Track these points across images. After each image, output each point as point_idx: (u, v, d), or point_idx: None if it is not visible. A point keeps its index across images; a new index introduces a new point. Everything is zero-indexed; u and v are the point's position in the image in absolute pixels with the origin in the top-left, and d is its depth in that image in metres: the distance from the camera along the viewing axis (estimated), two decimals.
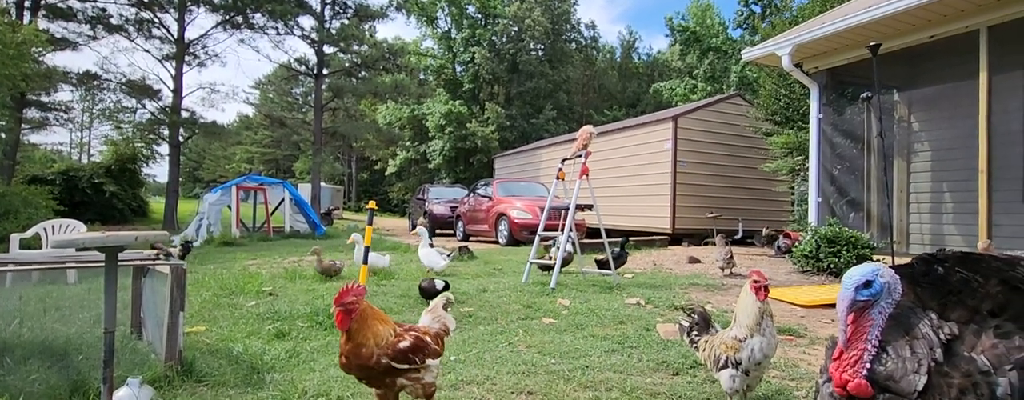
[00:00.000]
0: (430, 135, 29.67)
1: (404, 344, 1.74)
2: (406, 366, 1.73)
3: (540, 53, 31.79)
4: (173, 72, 18.47)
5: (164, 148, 20.25)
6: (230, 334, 3.11)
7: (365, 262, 3.81)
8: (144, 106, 19.10)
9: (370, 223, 3.95)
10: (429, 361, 1.82)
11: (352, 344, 1.68)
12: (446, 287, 3.97)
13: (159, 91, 18.62)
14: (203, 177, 50.23)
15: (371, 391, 2.26)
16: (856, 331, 1.05)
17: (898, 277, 1.06)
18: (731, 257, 5.64)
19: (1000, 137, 4.93)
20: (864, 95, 5.63)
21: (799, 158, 8.24)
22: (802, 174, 8.27)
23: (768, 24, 12.99)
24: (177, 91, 18.36)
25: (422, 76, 34.31)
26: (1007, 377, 0.91)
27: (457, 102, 29.26)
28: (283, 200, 12.37)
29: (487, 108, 28.99)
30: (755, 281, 1.91)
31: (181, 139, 19.27)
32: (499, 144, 27.27)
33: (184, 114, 18.66)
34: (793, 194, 9.32)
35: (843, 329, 1.06)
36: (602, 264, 5.52)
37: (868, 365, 1.03)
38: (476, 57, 29.55)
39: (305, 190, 21.08)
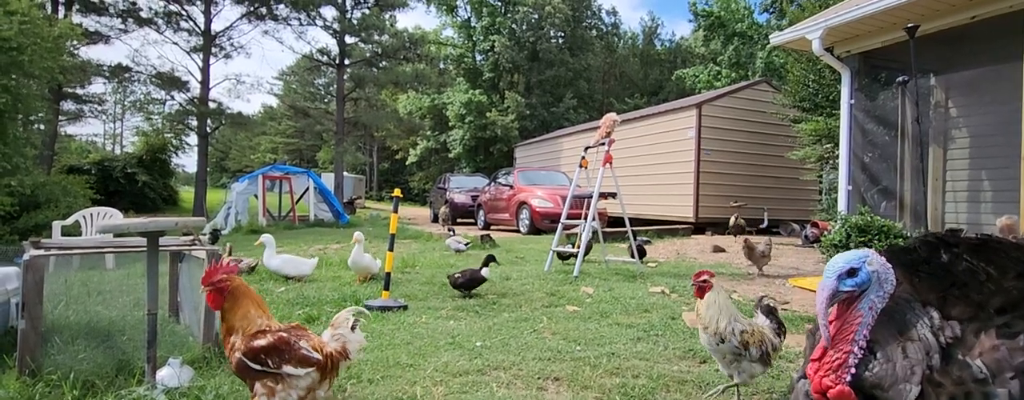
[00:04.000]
0: (450, 124, 29.73)
1: (260, 342, 1.51)
2: (258, 367, 1.49)
3: (560, 41, 31.44)
4: (200, 64, 18.86)
5: (192, 138, 20.80)
6: None
7: (391, 249, 3.87)
8: (173, 97, 19.57)
9: (395, 211, 4.00)
10: (289, 369, 1.51)
11: (225, 326, 1.56)
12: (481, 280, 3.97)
13: (187, 82, 19.06)
14: (230, 167, 51.34)
15: (400, 375, 2.32)
16: (841, 329, 0.91)
17: (890, 266, 0.92)
18: (759, 252, 5.22)
19: None
20: (900, 79, 5.44)
21: (828, 145, 8.03)
22: (831, 162, 8.06)
23: (797, 7, 12.60)
24: (204, 82, 18.75)
25: (442, 65, 34.31)
26: (1007, 387, 0.78)
27: (477, 91, 29.21)
28: (307, 189, 12.59)
29: (507, 97, 28.88)
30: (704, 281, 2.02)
31: (209, 130, 19.71)
32: (519, 133, 27.19)
33: (211, 105, 19.07)
34: (821, 183, 9.10)
35: (824, 324, 0.91)
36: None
37: (853, 370, 0.89)
38: (496, 45, 29.39)
39: (328, 179, 21.41)
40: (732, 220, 8.16)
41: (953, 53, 5.73)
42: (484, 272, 3.93)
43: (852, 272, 0.90)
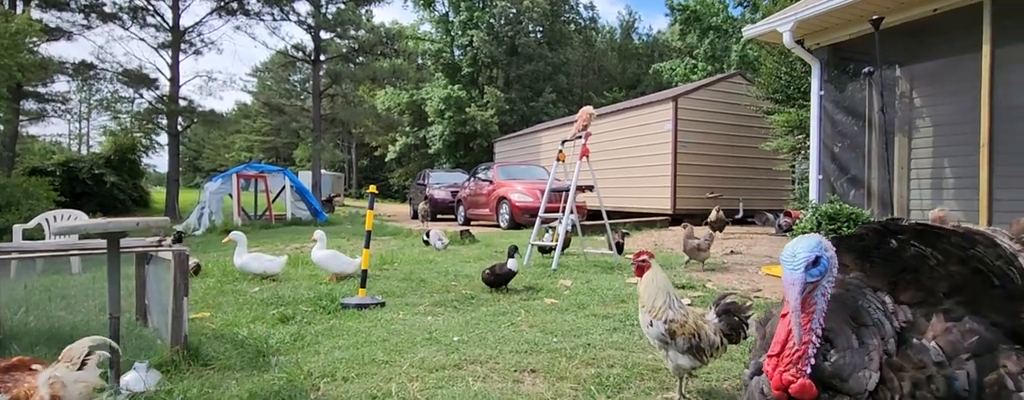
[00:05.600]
0: (429, 120, 29.51)
1: None
2: None
3: (539, 35, 31.40)
4: (169, 60, 18.33)
5: (163, 138, 20.27)
6: (235, 319, 3.15)
7: (367, 246, 3.83)
8: (141, 95, 19.01)
9: (371, 207, 3.96)
10: None
11: None
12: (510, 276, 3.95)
13: (156, 80, 18.52)
14: (203, 166, 50.18)
15: (376, 372, 2.30)
16: (801, 320, 0.88)
17: (837, 250, 0.91)
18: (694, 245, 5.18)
19: (1002, 111, 4.89)
20: (866, 70, 5.57)
21: (800, 136, 8.20)
22: (803, 152, 8.23)
23: (770, 1, 12.80)
24: (174, 80, 18.24)
25: (420, 61, 34.00)
26: (965, 369, 0.80)
27: (456, 86, 29.03)
28: (284, 188, 12.37)
29: (486, 92, 28.77)
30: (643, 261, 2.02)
31: (180, 128, 19.20)
32: (499, 128, 27.13)
33: (182, 103, 18.57)
34: (794, 172, 9.30)
35: (797, 322, 0.87)
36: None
37: (812, 361, 0.86)
38: (474, 40, 29.22)
39: (305, 177, 21.08)
40: (712, 215, 8.23)
41: (917, 45, 5.89)
42: (511, 264, 3.91)
43: (816, 261, 0.87)
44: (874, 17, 4.83)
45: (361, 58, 23.06)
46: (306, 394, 2.01)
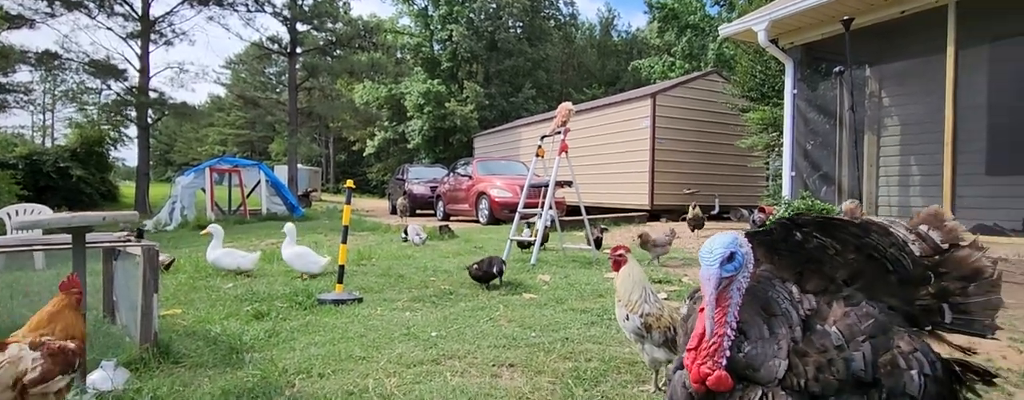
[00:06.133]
0: (408, 115, 29.24)
1: None
2: None
3: (519, 31, 31.34)
4: (139, 51, 17.75)
5: (132, 130, 19.66)
6: (207, 316, 3.08)
7: (344, 242, 3.78)
8: (109, 87, 18.36)
9: (348, 202, 3.91)
10: None
11: None
12: (500, 272, 3.84)
13: (124, 71, 17.91)
14: (175, 160, 48.89)
15: (353, 368, 2.29)
16: (714, 313, 0.91)
17: (751, 245, 0.95)
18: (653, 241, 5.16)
19: (965, 110, 5.08)
20: (837, 69, 5.72)
21: (774, 134, 8.37)
22: (776, 149, 8.41)
23: (745, 0, 13.01)
24: (144, 70, 17.67)
25: (399, 54, 33.61)
26: (861, 350, 0.84)
27: (435, 81, 28.80)
28: (259, 182, 12.13)
29: (466, 87, 28.62)
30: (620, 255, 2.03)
31: (150, 121, 18.64)
32: (479, 123, 27.04)
33: (152, 95, 18.00)
34: (768, 169, 9.50)
35: (711, 315, 0.90)
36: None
37: (727, 353, 0.90)
38: (454, 35, 29.00)
39: (281, 172, 20.71)
40: (690, 212, 8.29)
41: (886, 45, 6.06)
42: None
43: (731, 257, 0.90)
44: (845, 18, 4.95)
45: (338, 51, 22.68)
46: (281, 391, 1.98)
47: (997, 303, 0.92)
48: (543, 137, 5.27)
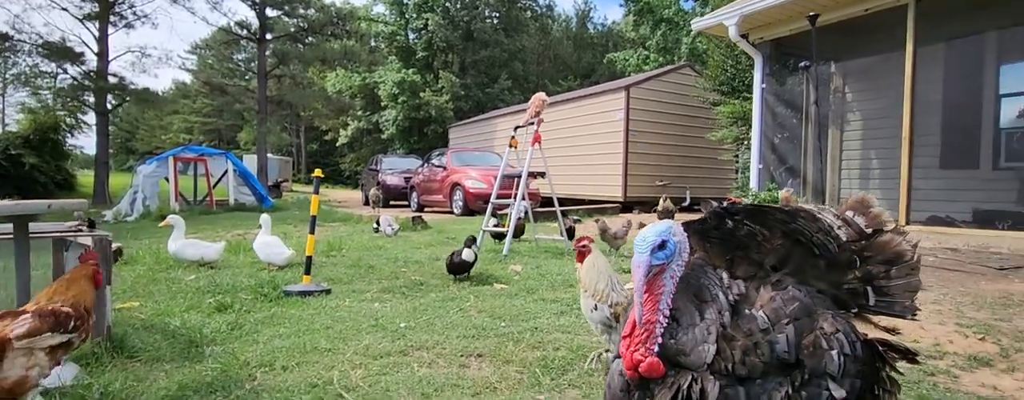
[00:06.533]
0: (383, 104, 28.78)
1: None
2: None
3: (495, 21, 31.08)
4: (97, 33, 16.91)
5: (90, 117, 18.77)
6: (166, 309, 2.98)
7: (312, 232, 3.70)
8: (65, 70, 17.46)
9: (316, 191, 3.83)
10: None
11: None
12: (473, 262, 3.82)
13: (82, 54, 17.04)
14: (137, 149, 47.14)
15: (317, 360, 2.25)
16: (648, 301, 0.93)
17: (686, 234, 0.97)
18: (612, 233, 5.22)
19: (922, 106, 5.26)
20: (802, 64, 5.85)
21: (743, 127, 8.54)
22: (746, 143, 8.58)
23: None
24: (102, 54, 16.87)
25: (373, 43, 32.95)
26: (785, 333, 0.86)
27: (410, 70, 28.39)
28: (226, 172, 11.79)
29: (441, 77, 28.30)
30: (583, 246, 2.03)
31: (109, 107, 17.86)
32: (454, 114, 26.81)
33: (111, 79, 17.21)
34: (737, 162, 9.69)
35: (640, 302, 0.92)
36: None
37: (659, 340, 0.91)
38: (429, 24, 28.59)
39: (251, 161, 20.16)
40: (661, 204, 8.30)
41: (850, 42, 6.23)
42: (465, 254, 3.80)
43: (662, 245, 0.91)
44: (811, 14, 5.05)
45: (310, 38, 22.10)
46: (241, 384, 1.94)
47: (916, 285, 0.96)
48: (516, 127, 5.26)
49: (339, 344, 2.44)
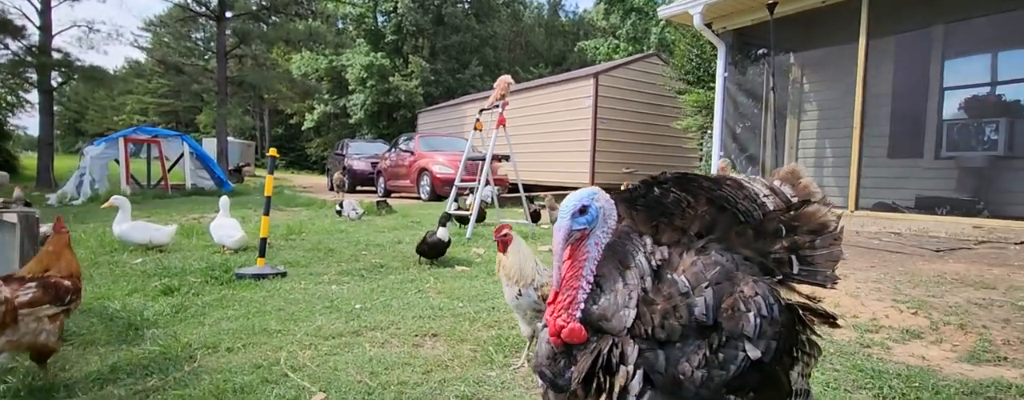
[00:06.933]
0: (350, 88, 28.10)
1: None
2: None
3: (466, 6, 30.63)
4: (39, 6, 15.84)
5: (33, 95, 17.67)
6: (107, 292, 2.85)
7: (266, 213, 3.59)
8: (5, 46, 16.30)
9: (271, 172, 3.71)
10: None
11: None
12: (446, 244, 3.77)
13: (23, 28, 15.90)
14: (87, 130, 44.79)
15: (265, 342, 2.19)
16: (571, 267, 0.93)
17: (613, 202, 0.97)
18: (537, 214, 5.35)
19: (873, 98, 5.46)
20: (761, 51, 5.97)
21: (707, 116, 8.69)
22: (709, 131, 8.74)
23: None
24: (45, 28, 15.82)
25: (340, 24, 32.03)
26: (703, 296, 0.87)
27: (379, 54, 27.76)
28: (182, 154, 11.31)
29: (411, 62, 27.79)
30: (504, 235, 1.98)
31: (54, 84, 16.83)
32: (424, 99, 26.41)
33: (56, 55, 16.18)
34: (701, 150, 9.88)
35: (558, 266, 0.93)
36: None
37: (582, 306, 0.91)
38: (399, 7, 27.94)
39: (210, 145, 19.42)
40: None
41: (808, 33, 6.38)
42: (440, 233, 3.72)
43: (583, 210, 0.91)
44: (770, 2, 5.15)
45: (273, 18, 21.29)
46: (180, 366, 1.87)
47: (838, 255, 0.98)
48: (482, 110, 5.21)
49: (290, 325, 2.39)
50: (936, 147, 5.73)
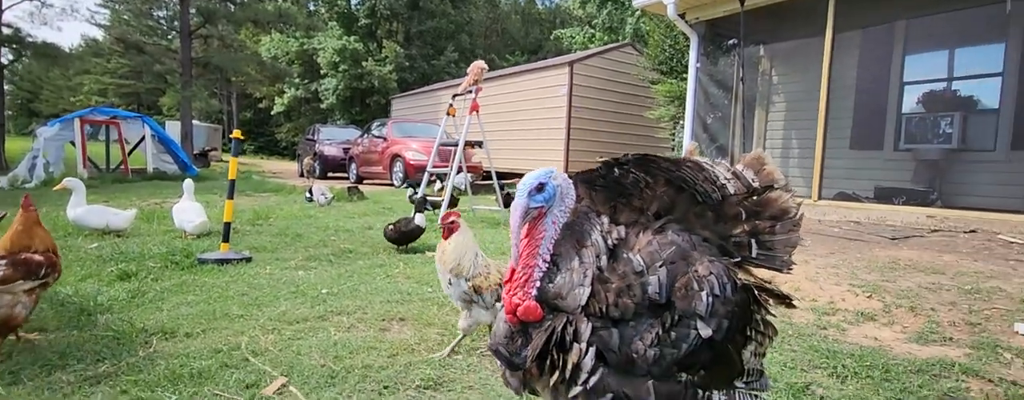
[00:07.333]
0: (322, 72, 27.41)
1: None
2: None
3: None
4: None
5: None
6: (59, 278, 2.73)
7: (230, 197, 3.49)
8: None
9: (235, 154, 3.60)
10: None
11: None
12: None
13: None
14: (41, 111, 42.66)
15: (226, 327, 2.13)
16: (528, 246, 0.93)
17: (571, 181, 0.98)
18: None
19: (837, 90, 5.60)
20: (731, 42, 6.05)
21: (679, 106, 8.79)
22: (681, 122, 8.85)
23: None
24: None
25: (312, 6, 31.10)
26: (657, 275, 0.87)
27: (352, 38, 27.10)
28: (144, 137, 10.87)
29: (385, 46, 27.24)
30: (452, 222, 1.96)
31: (4, 62, 15.92)
32: (398, 85, 25.97)
33: (6, 31, 15.30)
34: (673, 140, 10.02)
35: (515, 244, 0.92)
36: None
37: (538, 284, 0.91)
38: None
39: (174, 128, 18.74)
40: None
41: (777, 26, 6.49)
42: (418, 219, 3.65)
43: (540, 187, 0.91)
44: None
45: None
46: (135, 351, 1.81)
47: (796, 241, 0.99)
48: (455, 95, 5.15)
49: (253, 311, 2.34)
50: (895, 139, 5.94)
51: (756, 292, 0.97)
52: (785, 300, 1.03)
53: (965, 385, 1.69)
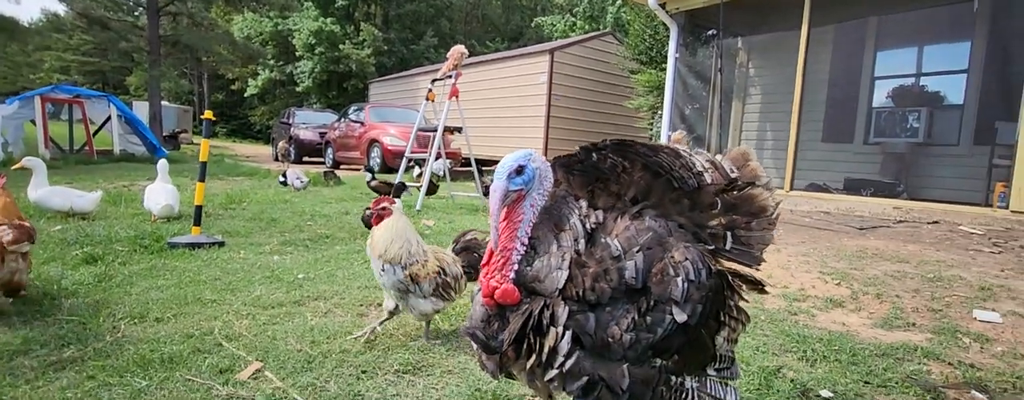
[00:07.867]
0: (298, 54, 26.71)
1: None
2: None
3: None
4: None
5: None
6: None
7: (202, 180, 3.39)
8: None
9: (207, 136, 3.50)
10: None
11: None
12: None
13: None
14: None
15: (199, 311, 2.09)
16: (507, 229, 0.92)
17: (549, 165, 0.97)
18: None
19: (810, 84, 5.72)
20: (711, 33, 6.10)
21: (658, 96, 8.85)
22: (659, 112, 8.92)
23: None
24: None
25: None
26: (634, 260, 0.88)
27: (328, 20, 26.41)
28: (109, 117, 10.46)
29: (363, 29, 26.63)
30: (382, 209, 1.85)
31: None
32: (376, 69, 25.51)
33: None
34: (652, 130, 10.10)
35: (495, 226, 0.93)
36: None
37: (516, 267, 0.91)
38: None
39: (141, 108, 18.09)
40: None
41: (756, 19, 6.57)
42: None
43: (519, 170, 0.91)
44: None
45: None
46: (102, 336, 1.75)
47: (769, 239, 1.02)
48: (434, 80, 5.09)
49: (226, 295, 2.29)
50: (865, 133, 6.10)
51: (730, 278, 0.99)
52: (758, 286, 1.05)
53: (927, 368, 1.76)
